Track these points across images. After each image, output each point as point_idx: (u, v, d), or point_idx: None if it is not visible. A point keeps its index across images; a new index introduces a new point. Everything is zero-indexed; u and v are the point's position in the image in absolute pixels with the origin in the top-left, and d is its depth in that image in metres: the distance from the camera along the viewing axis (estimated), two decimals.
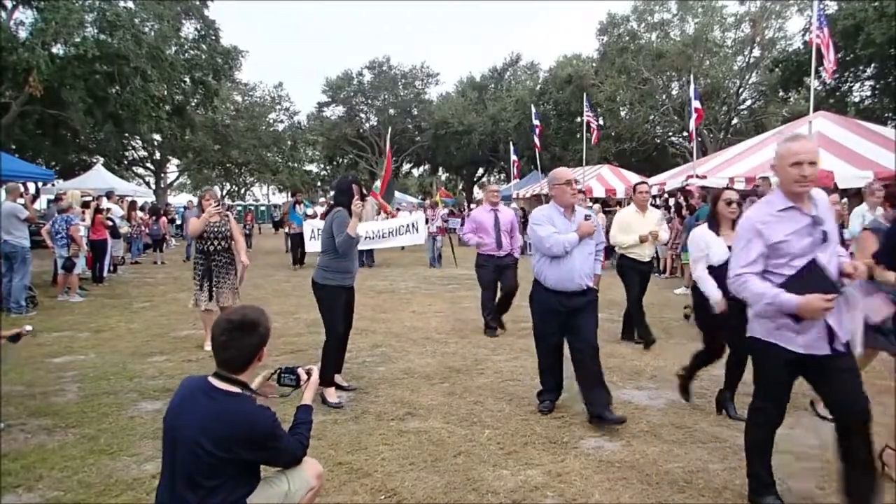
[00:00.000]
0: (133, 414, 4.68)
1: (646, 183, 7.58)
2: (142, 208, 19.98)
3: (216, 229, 6.51)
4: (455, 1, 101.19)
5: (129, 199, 19.24)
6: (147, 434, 4.23)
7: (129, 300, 10.33)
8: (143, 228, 17.80)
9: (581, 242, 4.51)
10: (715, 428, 4.37)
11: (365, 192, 5.73)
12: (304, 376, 2.64)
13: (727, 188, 4.93)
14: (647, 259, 7.06)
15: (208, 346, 5.97)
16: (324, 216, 16.37)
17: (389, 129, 20.11)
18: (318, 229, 13.72)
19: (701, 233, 4.61)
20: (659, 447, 4.03)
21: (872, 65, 20.83)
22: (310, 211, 16.88)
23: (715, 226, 4.58)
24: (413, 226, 15.82)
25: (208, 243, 6.51)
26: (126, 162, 35.58)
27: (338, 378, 5.16)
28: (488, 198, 7.96)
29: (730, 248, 3.88)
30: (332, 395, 4.95)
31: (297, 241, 15.73)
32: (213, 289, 6.52)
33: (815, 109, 11.53)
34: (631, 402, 4.94)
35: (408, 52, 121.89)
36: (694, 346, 6.84)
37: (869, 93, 22.78)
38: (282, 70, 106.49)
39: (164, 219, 18.27)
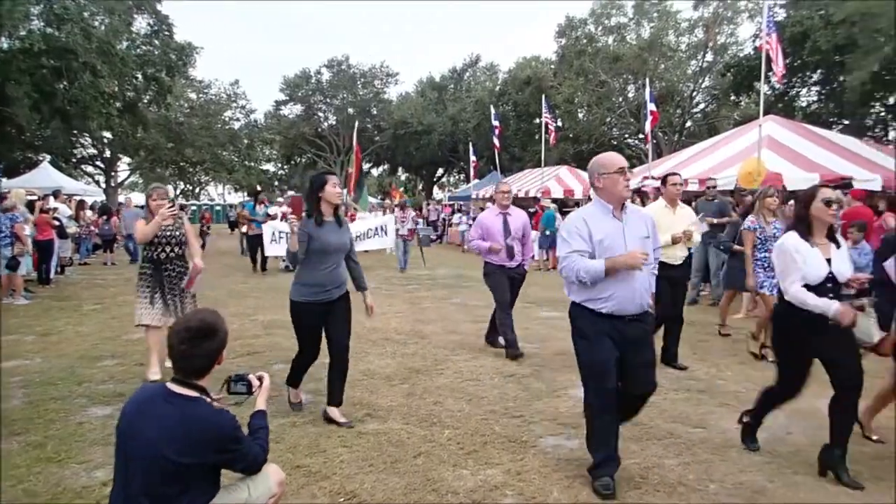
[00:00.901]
0: (82, 420, 4.52)
1: (678, 174, 6.19)
2: (91, 207, 19.37)
3: (169, 233, 5.52)
4: (416, 1, 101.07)
5: (78, 198, 18.64)
6: (97, 440, 4.10)
7: (78, 302, 10.00)
8: (92, 228, 17.26)
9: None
10: (670, 425, 4.45)
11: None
12: (255, 382, 2.59)
13: (823, 185, 3.85)
14: (679, 262, 5.94)
15: (154, 375, 5.34)
16: (286, 217, 16.12)
17: (356, 124, 19.85)
18: (281, 232, 13.46)
19: (793, 242, 3.63)
20: None
21: (819, 71, 21.55)
22: (271, 211, 16.28)
23: (806, 233, 3.63)
24: (381, 229, 15.18)
25: (159, 250, 5.50)
26: (74, 160, 34.42)
27: (334, 413, 4.50)
28: (498, 199, 6.64)
29: (829, 261, 3.55)
30: (294, 395, 4.83)
31: (255, 243, 14.59)
32: (168, 303, 5.55)
33: (765, 113, 11.87)
34: None
35: (366, 52, 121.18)
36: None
37: (815, 98, 23.56)
38: (238, 67, 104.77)
39: (115, 219, 17.73)
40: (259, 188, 17.66)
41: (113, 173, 35.78)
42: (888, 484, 3.49)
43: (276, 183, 51.30)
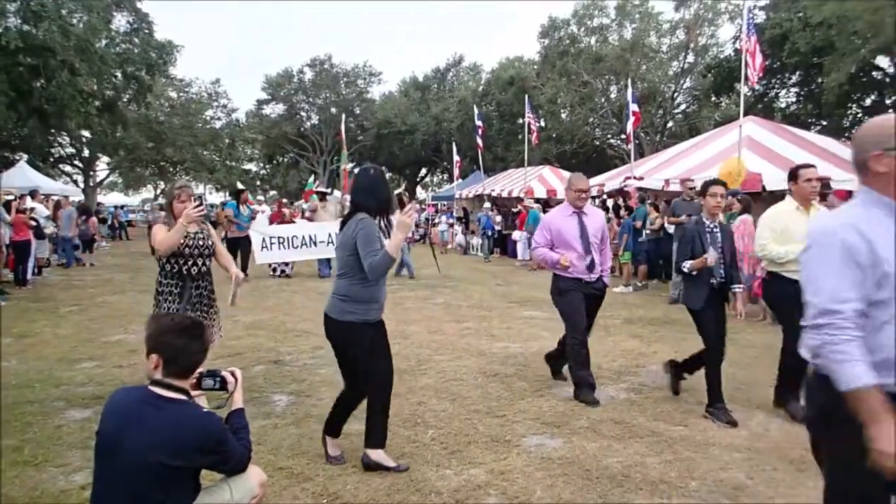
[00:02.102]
0: (60, 423, 4.45)
1: (813, 166, 5.04)
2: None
3: (201, 242, 4.54)
4: (394, 1, 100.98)
5: (56, 198, 18.37)
6: (75, 443, 4.04)
7: (56, 304, 9.86)
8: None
9: None
10: (652, 423, 4.49)
11: (406, 195, 4.43)
12: (230, 378, 2.56)
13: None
14: None
15: None
16: (276, 219, 15.70)
17: (343, 116, 19.80)
18: (272, 238, 13.06)
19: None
20: (598, 443, 4.11)
21: (797, 72, 21.89)
22: (257, 208, 15.65)
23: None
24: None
25: (189, 263, 4.51)
26: (52, 159, 33.92)
27: (379, 455, 3.72)
28: (571, 199, 5.25)
29: None
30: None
31: (235, 247, 12.83)
32: None
33: (745, 114, 12.01)
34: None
35: (349, 51, 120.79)
36: (632, 344, 7.04)
37: (794, 99, 23.92)
38: (219, 66, 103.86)
39: (93, 219, 17.50)
40: (241, 186, 16.51)
41: (92, 173, 35.33)
42: None
43: (259, 183, 50.96)
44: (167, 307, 4.47)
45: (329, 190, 19.53)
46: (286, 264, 13.68)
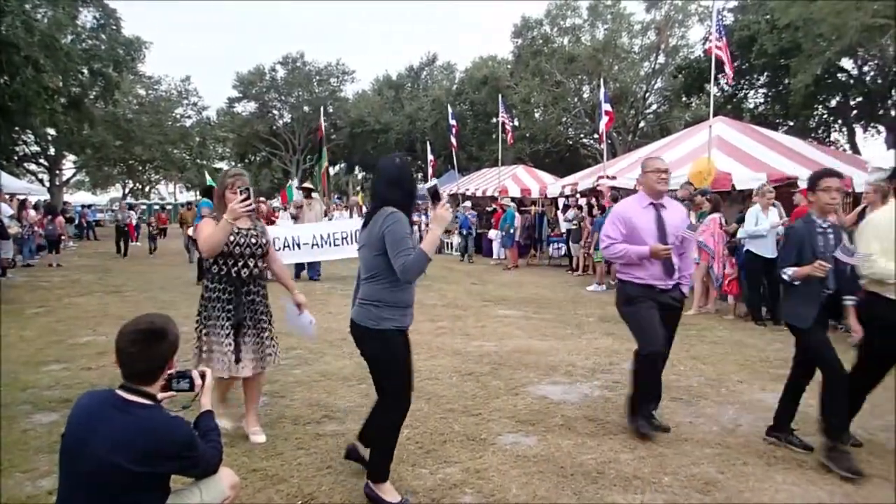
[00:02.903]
0: (26, 427, 4.35)
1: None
2: (35, 207, 18.66)
3: (253, 240, 3.94)
4: (366, 1, 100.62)
5: (21, 197, 17.94)
6: (42, 448, 3.95)
7: (22, 305, 9.62)
8: (35, 229, 16.63)
9: None
10: (625, 420, 4.53)
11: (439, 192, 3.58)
12: (198, 380, 2.51)
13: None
14: None
15: (226, 422, 4.06)
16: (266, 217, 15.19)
17: (322, 110, 19.52)
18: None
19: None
20: (573, 440, 4.14)
21: (765, 73, 22.30)
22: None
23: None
24: (354, 235, 12.30)
25: (240, 264, 3.90)
26: (16, 157, 33.09)
27: (383, 490, 3.28)
28: (649, 182, 4.27)
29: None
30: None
31: None
32: (243, 344, 3.94)
33: (715, 114, 12.19)
34: (546, 398, 5.06)
35: (321, 49, 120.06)
36: (607, 342, 7.12)
37: (762, 99, 24.36)
38: (189, 63, 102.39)
39: (60, 218, 17.12)
40: (212, 184, 15.87)
41: (58, 172, 34.55)
42: (832, 473, 3.62)
43: None
44: (217, 315, 3.89)
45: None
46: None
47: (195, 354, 3.97)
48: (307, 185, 15.68)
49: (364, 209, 15.49)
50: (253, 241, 3.93)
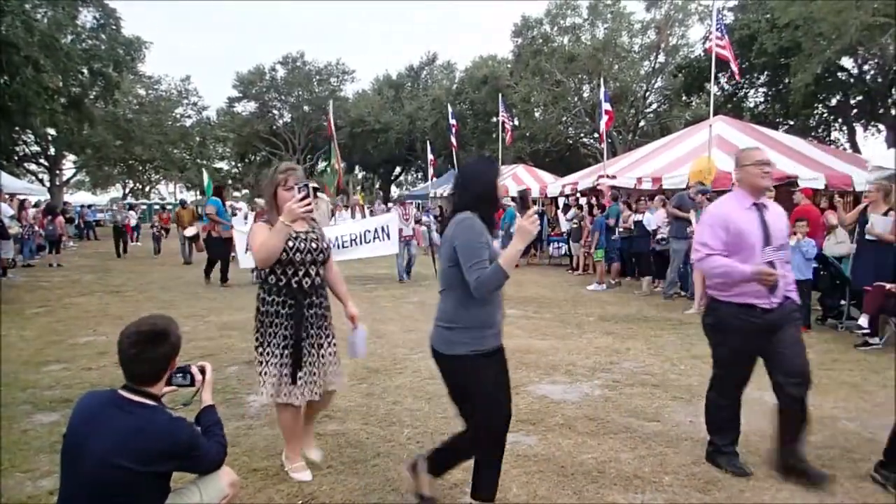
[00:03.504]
0: (27, 427, 4.35)
1: None
2: (35, 206, 18.66)
3: (309, 245, 3.39)
4: (366, 1, 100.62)
5: (21, 197, 17.94)
6: (43, 448, 3.95)
7: (21, 305, 9.62)
8: (36, 229, 16.62)
9: None
10: (626, 419, 4.53)
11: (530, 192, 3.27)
12: (198, 375, 2.52)
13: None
14: None
15: (300, 474, 3.55)
16: (261, 217, 14.66)
17: (330, 105, 19.41)
18: None
19: None
20: (573, 439, 4.14)
21: (765, 73, 22.29)
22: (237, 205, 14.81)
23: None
24: (383, 230, 12.09)
25: (295, 274, 3.36)
26: (16, 157, 33.12)
27: None
28: (750, 177, 3.54)
29: None
30: (430, 484, 3.14)
31: (220, 250, 12.03)
32: (316, 363, 3.46)
33: (715, 114, 12.19)
34: (546, 397, 5.05)
35: (321, 49, 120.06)
36: (607, 341, 7.11)
37: (762, 99, 24.36)
38: (189, 63, 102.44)
39: (60, 218, 17.11)
40: (220, 185, 15.37)
41: (58, 172, 34.56)
42: (832, 472, 3.62)
43: (230, 182, 50.39)
44: (275, 332, 3.37)
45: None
46: None
47: (271, 383, 3.39)
48: (313, 183, 15.38)
49: (366, 209, 15.15)
50: (313, 245, 3.40)
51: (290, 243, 3.30)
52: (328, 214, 13.04)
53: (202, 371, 2.55)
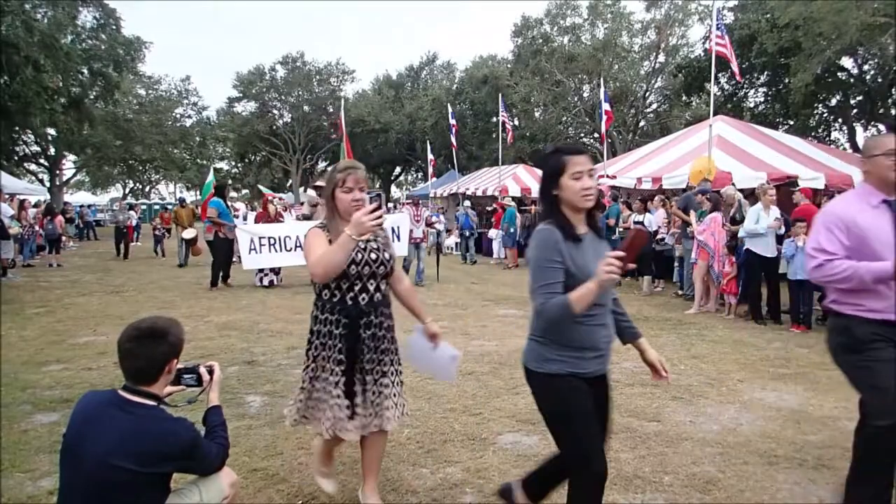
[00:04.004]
0: (27, 427, 4.35)
1: None
2: (35, 206, 18.65)
3: (368, 256, 2.91)
4: (367, 1, 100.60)
5: (20, 197, 17.94)
6: (43, 448, 3.95)
7: (21, 305, 9.62)
8: (36, 229, 16.62)
9: None
10: (625, 419, 4.53)
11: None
12: (205, 375, 2.53)
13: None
14: None
15: (330, 486, 3.28)
16: (262, 218, 12.95)
17: (342, 104, 19.21)
18: (262, 238, 11.14)
19: None
20: None
21: (765, 72, 22.28)
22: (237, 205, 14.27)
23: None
24: (393, 231, 11.05)
25: (351, 289, 2.90)
26: (16, 157, 33.14)
27: None
28: (883, 169, 2.86)
29: None
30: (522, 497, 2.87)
31: (225, 251, 11.59)
32: (369, 392, 2.98)
33: (715, 114, 12.19)
34: None
35: (323, 49, 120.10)
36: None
37: (762, 99, 24.34)
38: (189, 63, 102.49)
39: (59, 217, 17.11)
40: (221, 185, 14.36)
41: (58, 172, 34.58)
42: (832, 472, 3.62)
43: (230, 182, 50.42)
44: (328, 356, 2.91)
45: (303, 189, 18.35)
46: (275, 272, 11.83)
47: (297, 408, 3.05)
48: (320, 182, 14.30)
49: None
50: (373, 256, 2.90)
51: (357, 253, 2.85)
52: None
53: (210, 372, 2.55)
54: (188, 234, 14.91)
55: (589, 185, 2.34)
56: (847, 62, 20.37)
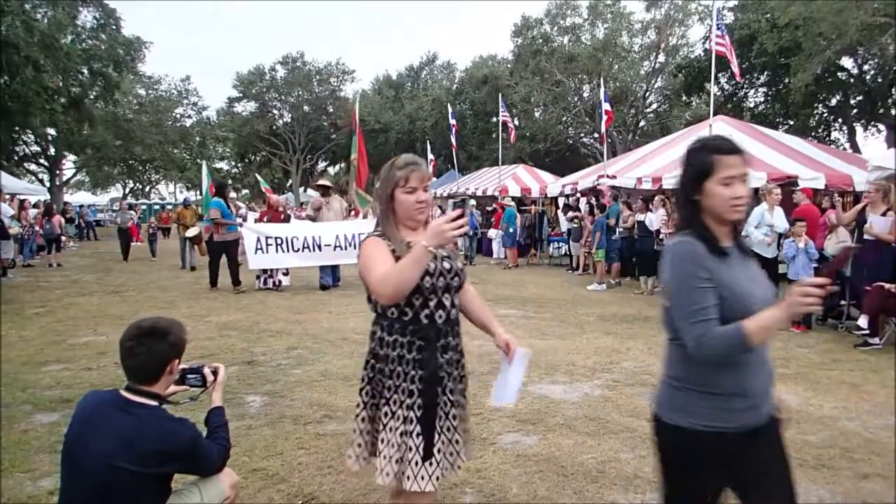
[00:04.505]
0: (26, 427, 4.34)
1: None
2: (35, 206, 18.65)
3: (440, 265, 2.35)
4: (367, 1, 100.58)
5: (21, 197, 17.94)
6: (43, 448, 3.94)
7: (21, 305, 9.62)
8: (36, 228, 16.61)
9: None
10: (626, 419, 4.53)
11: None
12: (209, 376, 2.52)
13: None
14: None
15: None
16: (268, 216, 12.21)
17: (357, 100, 18.99)
18: (269, 238, 10.85)
19: None
20: (573, 439, 4.14)
21: (765, 73, 22.28)
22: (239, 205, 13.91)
23: None
24: None
25: (426, 305, 2.34)
26: (16, 157, 33.13)
27: None
28: None
29: None
30: None
31: (218, 254, 11.23)
32: (448, 430, 2.41)
33: (715, 114, 12.18)
34: (547, 397, 5.05)
35: (323, 49, 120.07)
36: (607, 341, 7.11)
37: (762, 99, 24.34)
38: (189, 63, 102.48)
39: (57, 217, 17.08)
40: (222, 184, 13.57)
41: (58, 172, 34.58)
42: (832, 472, 3.62)
43: (230, 182, 50.43)
44: (398, 387, 2.34)
45: (303, 189, 18.15)
46: (282, 273, 11.47)
47: (354, 452, 2.47)
48: (323, 181, 13.91)
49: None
50: (447, 265, 2.38)
51: (431, 267, 2.31)
52: (342, 213, 12.13)
53: (214, 372, 2.55)
54: (191, 232, 14.70)
55: (741, 193, 1.86)
56: (847, 62, 20.36)
